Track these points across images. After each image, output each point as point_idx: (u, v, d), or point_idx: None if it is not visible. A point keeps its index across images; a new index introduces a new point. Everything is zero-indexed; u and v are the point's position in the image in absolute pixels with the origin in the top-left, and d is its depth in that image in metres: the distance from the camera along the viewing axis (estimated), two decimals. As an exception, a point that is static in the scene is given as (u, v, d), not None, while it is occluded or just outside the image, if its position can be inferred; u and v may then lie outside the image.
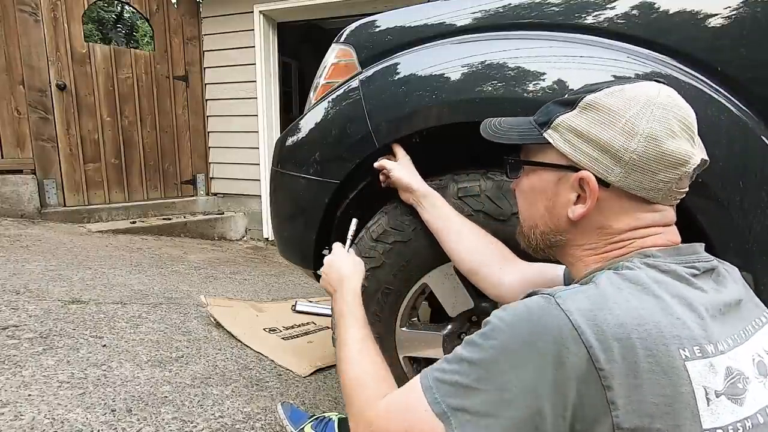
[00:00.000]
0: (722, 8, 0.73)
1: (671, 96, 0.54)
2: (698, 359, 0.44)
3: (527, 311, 0.47)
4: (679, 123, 0.53)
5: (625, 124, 0.53)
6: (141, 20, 7.46)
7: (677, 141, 0.52)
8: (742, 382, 0.45)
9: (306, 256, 1.19)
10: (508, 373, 0.46)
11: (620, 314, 0.44)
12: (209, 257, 3.32)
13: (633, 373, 0.42)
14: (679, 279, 0.50)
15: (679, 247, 0.55)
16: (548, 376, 0.44)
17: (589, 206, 0.56)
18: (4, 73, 3.24)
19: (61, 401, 1.12)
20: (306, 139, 1.13)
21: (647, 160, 0.52)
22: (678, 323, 0.44)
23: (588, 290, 0.48)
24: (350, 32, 1.09)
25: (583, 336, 0.43)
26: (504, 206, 0.89)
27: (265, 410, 1.24)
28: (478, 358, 0.48)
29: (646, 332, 0.43)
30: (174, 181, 4.26)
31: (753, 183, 0.72)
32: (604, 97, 0.55)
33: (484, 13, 0.92)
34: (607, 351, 0.43)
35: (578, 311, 0.45)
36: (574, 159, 0.56)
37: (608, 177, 0.54)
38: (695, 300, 0.47)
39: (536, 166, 0.62)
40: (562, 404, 0.44)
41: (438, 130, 0.93)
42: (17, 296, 1.78)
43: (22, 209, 3.29)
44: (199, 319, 1.86)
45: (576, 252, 0.60)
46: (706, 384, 0.43)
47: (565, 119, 0.57)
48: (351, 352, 0.68)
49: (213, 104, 4.32)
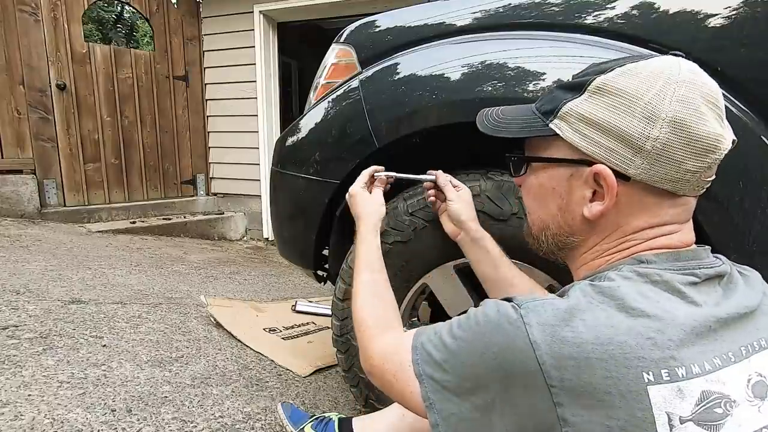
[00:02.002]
0: (722, 8, 0.73)
1: (694, 71, 0.48)
2: (664, 383, 0.41)
3: (496, 317, 0.47)
4: (706, 102, 0.46)
5: (644, 107, 0.46)
6: (141, 20, 7.45)
7: (706, 123, 0.45)
8: (722, 407, 0.42)
9: (306, 255, 1.19)
10: (468, 367, 0.48)
11: (583, 332, 0.42)
12: (209, 257, 3.32)
13: (587, 393, 0.41)
14: (671, 291, 0.46)
15: (679, 252, 0.50)
16: (500, 383, 0.45)
17: (607, 204, 0.50)
18: (4, 73, 3.24)
19: (61, 401, 1.12)
20: (306, 139, 1.13)
21: (673, 149, 0.46)
22: (647, 344, 0.41)
23: (557, 303, 0.46)
24: (350, 32, 1.09)
25: (538, 352, 0.43)
26: (504, 206, 0.89)
27: (265, 410, 1.24)
28: (449, 342, 0.50)
29: (607, 353, 0.41)
30: (174, 181, 4.26)
31: (753, 183, 0.72)
32: (617, 77, 0.48)
33: (484, 13, 0.92)
34: (561, 369, 0.42)
35: (538, 325, 0.44)
36: (587, 152, 0.50)
37: (628, 170, 0.48)
38: (679, 316, 0.43)
39: (544, 163, 0.56)
40: (512, 411, 0.45)
41: (438, 130, 0.93)
42: (17, 296, 1.78)
43: (22, 209, 3.29)
44: (199, 319, 1.86)
45: (587, 255, 0.56)
46: (670, 410, 0.41)
47: (573, 106, 0.51)
48: (358, 295, 0.74)
49: (213, 104, 4.32)
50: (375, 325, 0.67)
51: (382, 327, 0.67)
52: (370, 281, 0.76)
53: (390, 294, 0.76)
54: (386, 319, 0.69)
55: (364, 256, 0.80)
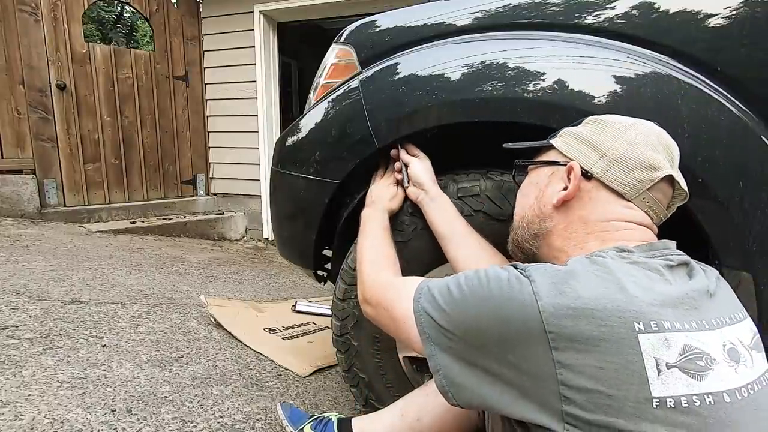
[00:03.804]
0: (722, 8, 0.73)
1: (663, 131, 0.65)
2: (653, 333, 0.48)
3: (505, 274, 0.55)
4: (661, 144, 0.62)
5: (616, 130, 0.64)
6: (141, 20, 7.46)
7: (655, 153, 0.61)
8: (704, 361, 0.48)
9: (306, 255, 1.19)
10: (467, 316, 0.55)
11: (580, 288, 0.50)
12: (209, 257, 3.32)
13: (583, 339, 0.48)
14: (650, 269, 0.54)
15: (652, 243, 0.60)
16: (496, 330, 0.52)
17: (570, 190, 0.64)
18: (4, 73, 3.24)
19: (61, 401, 1.12)
20: (306, 139, 1.13)
21: (626, 158, 0.61)
22: (636, 300, 0.49)
23: (557, 267, 0.54)
24: (350, 32, 1.09)
25: (540, 302, 0.50)
26: (504, 206, 0.89)
27: (265, 410, 1.24)
28: (455, 290, 0.58)
29: (601, 305, 0.48)
30: (174, 181, 4.26)
31: (753, 183, 0.72)
32: (607, 116, 0.67)
33: (484, 13, 0.92)
34: (560, 317, 0.49)
35: (542, 282, 0.52)
36: (567, 154, 0.67)
37: (592, 168, 0.63)
38: (660, 287, 0.52)
39: (537, 165, 0.73)
40: (505, 359, 0.52)
41: (438, 129, 0.93)
42: (17, 296, 1.78)
43: (22, 209, 3.29)
44: (199, 319, 1.86)
45: (557, 242, 0.66)
46: (658, 355, 0.47)
47: (569, 128, 0.70)
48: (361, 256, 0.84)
49: (213, 104, 4.32)
50: (378, 261, 0.80)
51: (385, 265, 0.80)
52: (375, 245, 0.86)
53: (386, 251, 0.85)
54: (390, 261, 0.82)
55: (367, 226, 0.90)
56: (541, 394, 0.50)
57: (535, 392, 0.50)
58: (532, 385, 0.50)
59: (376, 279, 0.76)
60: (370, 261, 0.81)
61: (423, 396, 0.92)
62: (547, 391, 0.49)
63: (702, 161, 0.72)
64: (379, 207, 0.93)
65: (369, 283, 0.76)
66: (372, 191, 0.98)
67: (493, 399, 0.53)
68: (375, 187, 0.98)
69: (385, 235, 0.88)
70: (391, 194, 0.95)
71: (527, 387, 0.51)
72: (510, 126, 0.83)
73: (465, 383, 0.56)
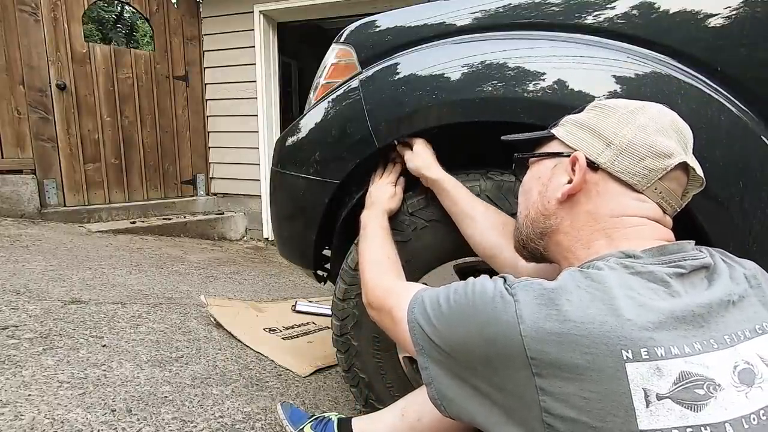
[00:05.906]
0: (722, 8, 0.73)
1: (675, 114, 0.59)
2: (642, 362, 0.44)
3: (491, 291, 0.52)
4: (673, 128, 0.57)
5: (622, 115, 0.58)
6: (141, 20, 7.46)
7: (666, 138, 0.56)
8: (704, 388, 0.44)
9: (306, 255, 1.19)
10: (454, 333, 0.54)
11: (568, 310, 0.46)
12: (209, 257, 3.32)
13: (566, 366, 0.45)
14: (656, 281, 0.50)
15: (665, 246, 0.54)
16: (481, 350, 0.50)
17: (576, 182, 0.59)
18: (4, 73, 3.24)
19: (61, 401, 1.12)
20: (306, 139, 1.13)
21: (635, 146, 0.56)
22: (627, 325, 0.45)
23: (545, 284, 0.50)
24: (350, 32, 1.09)
25: (522, 326, 0.47)
26: (504, 206, 0.89)
27: (265, 410, 1.24)
28: (444, 305, 0.56)
29: (587, 330, 0.45)
30: (174, 181, 4.26)
31: (753, 183, 0.72)
32: (611, 100, 0.62)
33: (484, 13, 0.92)
34: (542, 342, 0.46)
35: (526, 302, 0.49)
36: (570, 144, 0.62)
37: (598, 158, 0.58)
38: (661, 304, 0.47)
39: (539, 158, 0.67)
40: (494, 386, 0.50)
41: (438, 130, 0.93)
42: (17, 296, 1.78)
43: (22, 209, 3.29)
44: (199, 319, 1.86)
45: (565, 241, 0.61)
46: (647, 386, 0.43)
47: (571, 116, 0.65)
48: (363, 258, 0.84)
49: (213, 104, 4.32)
50: (380, 264, 0.80)
51: (387, 267, 0.79)
52: (376, 248, 0.85)
53: (387, 252, 0.84)
54: (392, 263, 0.82)
55: (366, 230, 0.90)
56: (526, 418, 0.48)
57: (520, 416, 0.49)
58: (518, 409, 0.49)
59: (378, 284, 0.76)
60: (371, 264, 0.81)
61: (424, 396, 0.92)
62: (531, 417, 0.47)
63: (702, 161, 0.72)
64: (378, 208, 0.93)
65: (371, 288, 0.76)
66: (371, 192, 0.98)
67: (481, 417, 0.52)
68: (373, 188, 0.99)
69: (386, 236, 0.88)
70: (389, 194, 0.95)
71: (513, 410, 0.49)
72: (510, 126, 0.83)
73: (455, 398, 0.55)
